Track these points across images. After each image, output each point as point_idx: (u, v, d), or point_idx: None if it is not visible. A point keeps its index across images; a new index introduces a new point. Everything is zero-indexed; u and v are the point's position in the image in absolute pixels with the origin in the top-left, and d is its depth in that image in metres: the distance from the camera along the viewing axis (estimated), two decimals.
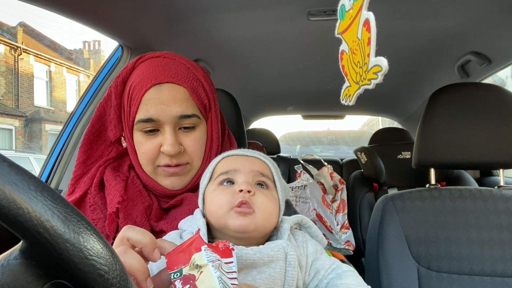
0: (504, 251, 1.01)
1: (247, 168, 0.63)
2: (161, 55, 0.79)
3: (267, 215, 0.60)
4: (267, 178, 0.64)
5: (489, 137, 1.05)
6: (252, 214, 0.58)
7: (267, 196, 0.62)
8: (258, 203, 0.59)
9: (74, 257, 0.30)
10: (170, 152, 0.72)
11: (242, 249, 0.55)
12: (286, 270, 0.56)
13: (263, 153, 0.70)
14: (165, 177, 0.76)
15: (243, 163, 0.64)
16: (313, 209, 2.05)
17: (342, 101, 0.54)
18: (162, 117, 0.72)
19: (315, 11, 1.26)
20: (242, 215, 0.58)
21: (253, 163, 0.65)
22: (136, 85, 0.74)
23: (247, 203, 0.58)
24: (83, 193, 0.77)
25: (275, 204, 0.63)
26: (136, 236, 0.49)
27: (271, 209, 0.62)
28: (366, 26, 0.45)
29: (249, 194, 0.59)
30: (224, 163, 0.66)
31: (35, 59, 14.61)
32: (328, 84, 2.06)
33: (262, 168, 0.65)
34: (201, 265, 0.45)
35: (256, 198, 0.60)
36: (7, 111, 13.33)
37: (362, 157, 2.15)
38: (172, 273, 0.47)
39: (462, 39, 1.45)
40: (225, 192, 0.61)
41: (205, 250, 0.46)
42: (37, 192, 0.30)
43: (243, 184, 0.60)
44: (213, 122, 0.80)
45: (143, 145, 0.75)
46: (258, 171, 0.64)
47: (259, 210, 0.59)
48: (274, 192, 0.65)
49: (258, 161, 0.67)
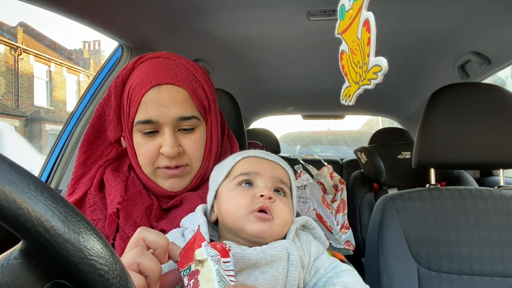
0: (504, 251, 1.01)
1: (268, 173, 0.63)
2: (161, 55, 0.78)
3: (284, 223, 0.60)
4: (285, 185, 0.64)
5: (489, 137, 1.05)
6: (271, 221, 0.58)
7: (285, 204, 0.62)
8: (277, 211, 0.59)
9: (74, 257, 0.30)
10: (169, 154, 0.72)
11: (245, 249, 0.55)
12: (288, 270, 0.56)
13: (279, 158, 0.69)
14: (165, 179, 0.76)
15: (265, 167, 0.64)
16: (313, 209, 2.05)
17: (342, 101, 0.54)
18: (162, 118, 0.72)
19: (315, 11, 1.26)
20: (261, 220, 0.58)
21: (274, 169, 0.65)
22: (136, 86, 0.74)
23: (268, 209, 0.58)
24: (83, 194, 0.77)
25: (291, 212, 0.64)
26: (152, 237, 0.50)
27: (288, 217, 0.62)
28: (366, 26, 0.45)
29: (270, 200, 0.59)
30: (244, 163, 0.66)
31: (35, 59, 14.61)
32: (328, 84, 2.06)
33: (282, 175, 0.65)
34: (202, 260, 0.46)
35: (276, 205, 0.60)
36: (7, 111, 13.33)
37: (362, 157, 2.15)
38: (182, 271, 0.48)
39: (462, 39, 1.45)
40: (244, 194, 0.60)
41: (205, 246, 0.48)
42: (37, 192, 0.30)
43: (264, 189, 0.60)
44: (213, 123, 0.80)
45: (143, 147, 0.75)
46: (278, 178, 0.63)
47: (278, 218, 0.59)
48: (290, 200, 0.65)
49: (278, 167, 0.66)
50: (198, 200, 0.75)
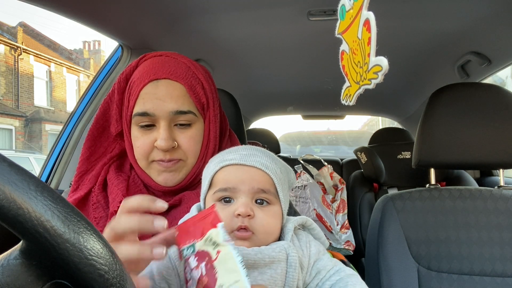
0: (504, 251, 1.01)
1: (247, 185, 0.59)
2: (163, 54, 0.80)
3: (267, 235, 0.59)
4: (268, 193, 0.61)
5: (489, 137, 1.05)
6: (252, 237, 0.57)
7: (267, 214, 0.60)
8: (257, 226, 0.58)
9: (74, 257, 0.30)
10: (163, 147, 0.73)
11: (243, 249, 0.55)
12: (287, 271, 0.56)
13: (265, 157, 0.64)
14: (158, 172, 0.77)
15: (243, 179, 0.60)
16: (313, 209, 2.06)
17: (343, 101, 0.54)
18: (158, 111, 0.73)
19: (315, 11, 1.26)
20: (241, 239, 0.57)
21: (254, 178, 0.60)
22: (136, 81, 0.76)
23: (246, 227, 0.57)
24: (87, 191, 0.78)
25: (276, 219, 0.61)
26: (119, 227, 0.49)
27: (272, 227, 0.60)
28: (367, 26, 0.45)
29: (248, 217, 0.57)
30: (223, 174, 0.62)
31: (35, 59, 14.61)
32: (328, 84, 2.06)
33: (263, 183, 0.61)
34: (219, 243, 0.42)
35: (255, 221, 0.58)
36: (7, 111, 13.33)
37: (362, 157, 2.15)
38: (185, 248, 0.43)
39: (462, 39, 1.45)
40: (224, 213, 0.58)
41: (223, 228, 0.43)
42: (37, 192, 0.30)
43: (241, 207, 0.57)
44: (211, 121, 0.80)
45: (139, 140, 0.76)
46: (258, 188, 0.60)
47: (259, 232, 0.58)
48: (276, 206, 0.62)
49: (259, 173, 0.61)
50: (197, 199, 0.75)
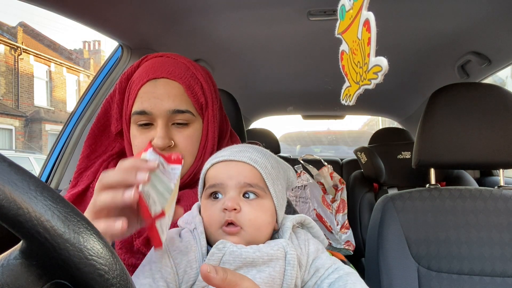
0: (504, 251, 1.01)
1: (234, 180, 0.60)
2: (164, 55, 0.81)
3: (255, 230, 0.59)
4: (256, 187, 0.60)
5: (489, 137, 1.05)
6: (240, 232, 0.57)
7: (255, 208, 0.59)
8: (244, 220, 0.58)
9: (74, 257, 0.30)
10: (159, 146, 0.73)
11: (241, 247, 0.55)
12: (286, 269, 0.56)
13: (255, 152, 0.64)
14: None
15: (231, 175, 0.60)
16: (313, 209, 2.06)
17: (342, 101, 0.54)
18: (155, 110, 0.74)
19: (315, 11, 1.26)
20: (230, 234, 0.57)
21: (241, 172, 0.61)
22: (135, 80, 0.77)
23: (233, 222, 0.57)
24: (85, 187, 0.79)
25: (265, 214, 0.60)
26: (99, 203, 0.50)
27: (260, 222, 0.59)
28: (366, 26, 0.45)
29: (234, 211, 0.57)
30: (213, 171, 0.63)
31: (35, 59, 14.60)
32: (328, 84, 2.06)
33: (250, 177, 0.60)
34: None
35: (242, 215, 0.58)
36: (7, 111, 13.33)
37: (362, 157, 2.15)
38: None
39: (462, 39, 1.45)
40: (213, 208, 0.59)
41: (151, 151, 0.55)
42: (37, 192, 0.30)
43: (228, 201, 0.58)
44: (210, 122, 0.80)
45: (137, 138, 0.77)
46: (245, 183, 0.60)
47: (247, 227, 0.58)
48: (266, 200, 0.61)
49: (247, 168, 0.61)
50: (196, 197, 0.75)
